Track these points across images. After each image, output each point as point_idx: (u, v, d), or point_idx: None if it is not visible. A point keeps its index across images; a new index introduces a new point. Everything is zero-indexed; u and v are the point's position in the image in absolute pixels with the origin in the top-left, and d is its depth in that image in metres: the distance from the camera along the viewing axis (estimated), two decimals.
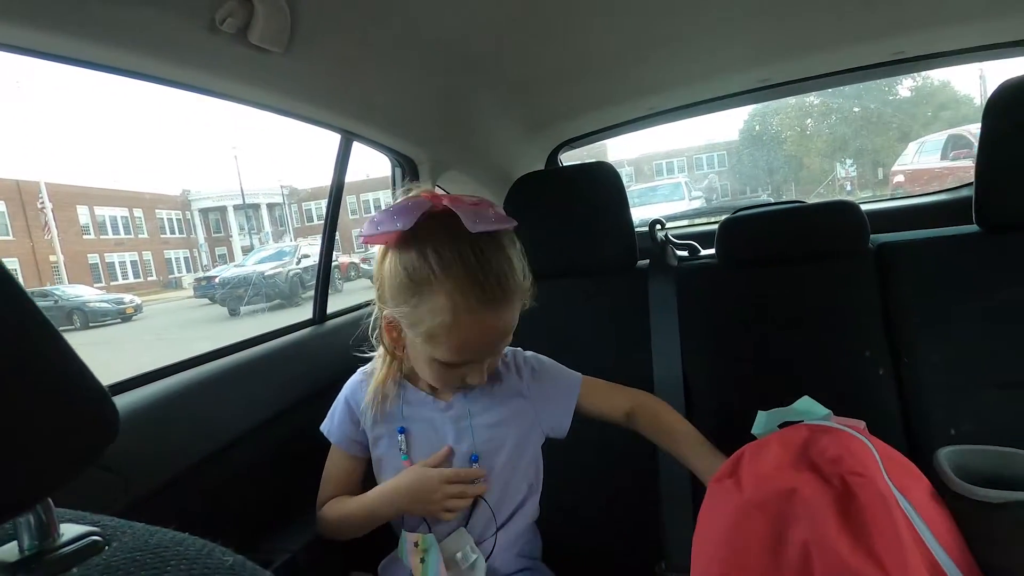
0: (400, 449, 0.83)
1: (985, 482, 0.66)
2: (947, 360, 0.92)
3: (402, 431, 0.83)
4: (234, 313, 9.08)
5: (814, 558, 0.57)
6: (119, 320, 9.88)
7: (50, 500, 0.30)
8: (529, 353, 0.90)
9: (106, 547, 0.29)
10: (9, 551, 0.29)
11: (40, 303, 0.28)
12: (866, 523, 0.58)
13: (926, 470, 0.77)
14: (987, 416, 0.88)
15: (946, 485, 0.68)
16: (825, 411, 0.74)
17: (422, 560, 0.78)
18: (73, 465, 0.28)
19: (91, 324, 9.13)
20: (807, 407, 0.75)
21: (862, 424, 0.74)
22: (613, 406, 0.88)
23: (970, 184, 0.98)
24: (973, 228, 0.97)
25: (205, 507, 0.93)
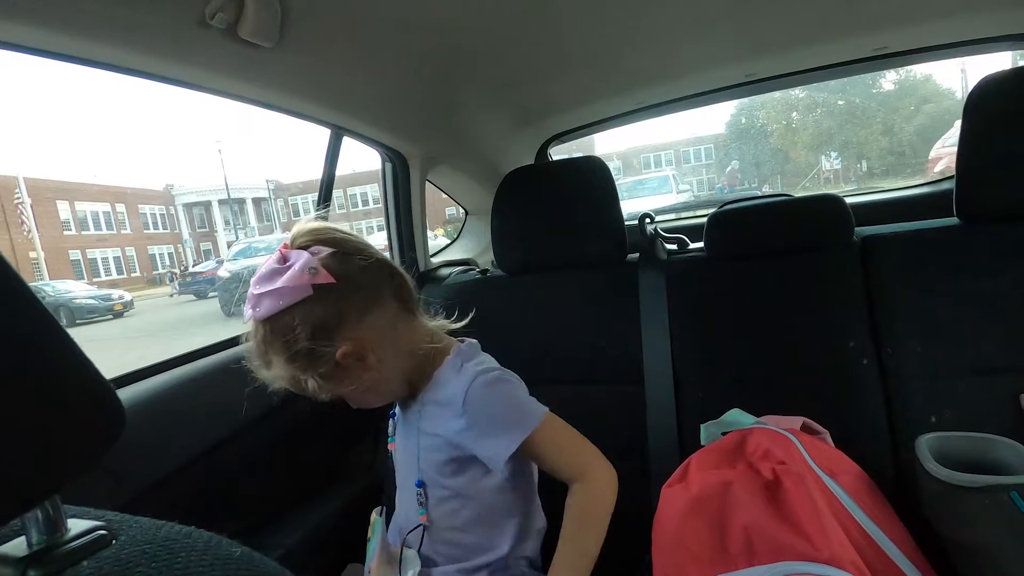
0: (388, 434, 0.90)
1: (965, 467, 0.68)
2: (928, 349, 0.94)
3: (393, 415, 0.91)
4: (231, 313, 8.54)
5: (754, 539, 0.64)
6: (110, 316, 9.55)
7: (57, 496, 0.30)
8: (490, 376, 0.77)
9: (113, 541, 0.29)
10: (17, 546, 0.29)
11: None
12: (790, 503, 0.67)
13: (909, 457, 0.80)
14: (968, 403, 0.91)
15: (926, 470, 0.71)
16: (752, 418, 0.87)
17: (368, 539, 0.85)
18: (80, 461, 0.29)
19: (78, 321, 8.86)
20: (736, 417, 0.88)
21: (798, 423, 0.85)
22: (556, 468, 0.77)
23: (951, 177, 1.00)
24: (954, 221, 0.99)
25: (197, 504, 0.93)
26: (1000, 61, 1.60)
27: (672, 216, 2.26)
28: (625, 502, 0.99)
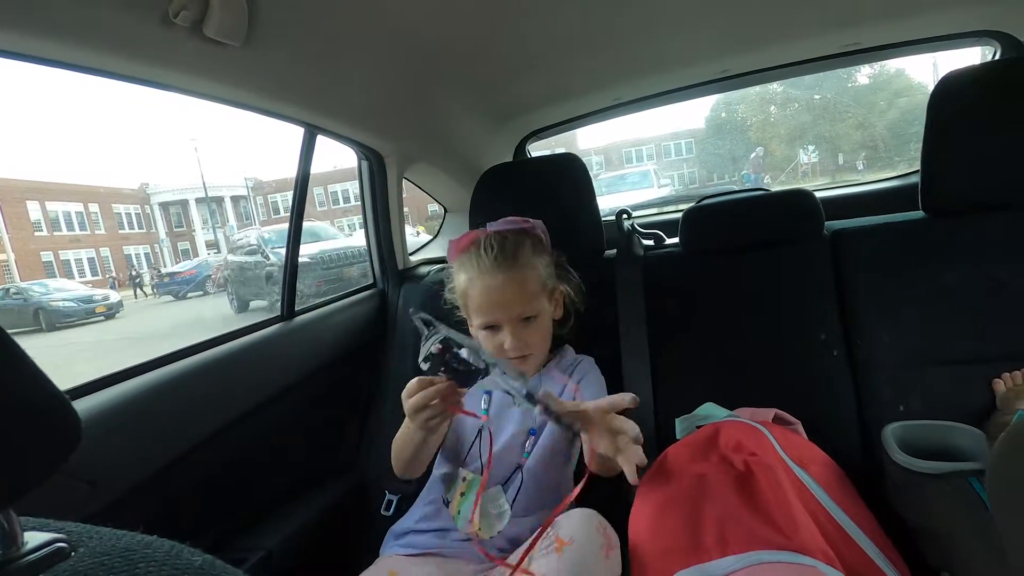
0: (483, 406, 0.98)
1: (928, 455, 0.71)
2: (896, 340, 0.96)
3: (488, 393, 0.98)
4: (243, 308, 7.50)
5: (726, 530, 0.66)
6: (101, 318, 8.64)
7: (11, 510, 0.29)
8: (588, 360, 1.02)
9: (72, 553, 0.29)
10: None
11: (7, 302, 0.27)
12: (762, 494, 0.69)
13: (877, 445, 0.82)
14: (934, 392, 0.93)
15: (891, 458, 0.73)
16: (725, 412, 0.88)
17: (463, 494, 0.91)
18: (34, 475, 0.28)
19: (57, 326, 8.12)
20: (709, 411, 0.90)
21: (771, 415, 0.87)
22: None
23: (918, 171, 1.02)
24: (919, 214, 1.02)
25: (177, 509, 0.92)
26: (971, 56, 1.64)
27: (654, 211, 2.28)
28: (603, 497, 1.00)
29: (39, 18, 0.62)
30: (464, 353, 0.72)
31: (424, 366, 0.74)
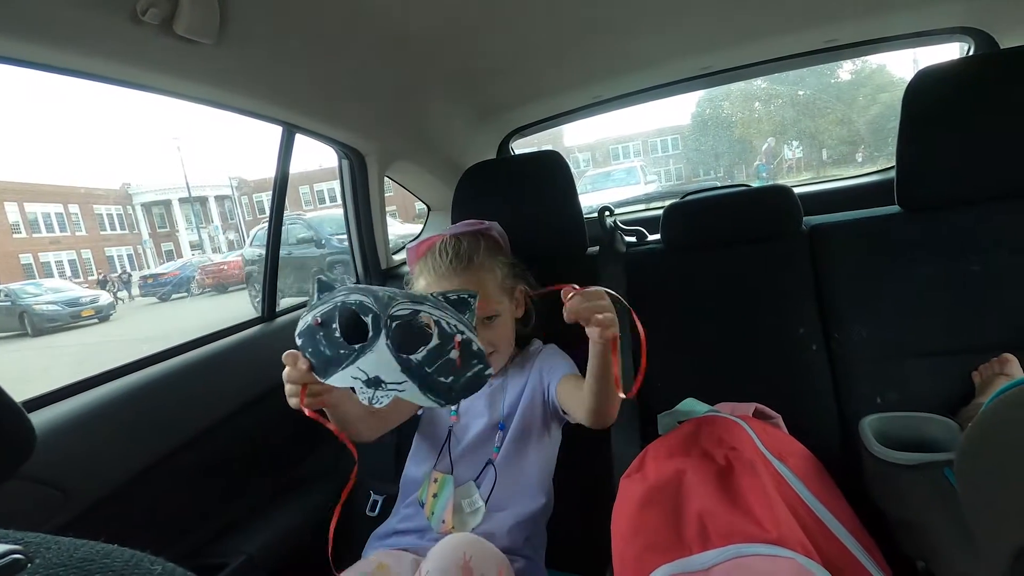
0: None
1: (904, 446, 0.72)
2: (873, 334, 0.98)
3: None
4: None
5: (707, 524, 0.66)
6: (96, 321, 8.01)
7: None
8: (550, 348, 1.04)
9: (28, 564, 0.28)
10: None
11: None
12: (741, 488, 0.69)
13: (855, 437, 0.83)
14: (909, 384, 0.95)
15: (868, 450, 0.74)
16: (705, 407, 0.89)
17: (435, 495, 0.92)
18: None
19: (46, 329, 7.64)
20: (691, 406, 0.90)
21: (751, 409, 0.88)
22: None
23: (893, 167, 1.03)
24: (895, 209, 1.03)
25: (155, 515, 0.91)
26: (949, 52, 1.66)
27: (640, 207, 2.29)
28: (587, 493, 1.00)
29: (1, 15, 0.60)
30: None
31: (298, 340, 0.67)
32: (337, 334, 0.65)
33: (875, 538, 0.72)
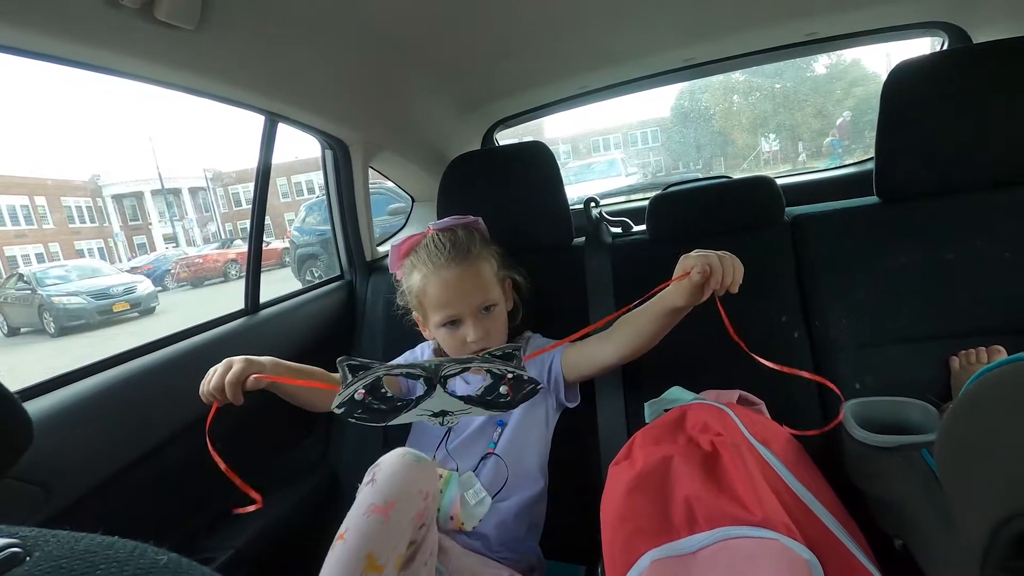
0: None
1: (883, 429, 0.74)
2: (852, 321, 1.00)
3: None
4: None
5: (695, 508, 0.68)
6: (136, 315, 6.01)
7: None
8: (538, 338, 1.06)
9: (27, 558, 0.28)
10: None
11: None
12: (727, 472, 0.71)
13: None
14: (888, 370, 0.98)
15: (848, 433, 0.76)
16: (691, 395, 0.91)
17: (440, 492, 0.91)
18: None
19: (71, 329, 5.74)
20: (677, 394, 0.92)
21: (735, 396, 0.91)
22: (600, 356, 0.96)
23: (873, 158, 1.06)
24: (874, 199, 1.06)
25: (138, 510, 0.90)
26: (921, 48, 1.70)
27: (623, 199, 2.30)
28: (577, 482, 1.02)
29: None
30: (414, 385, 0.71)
31: (338, 411, 0.70)
32: (389, 394, 0.70)
33: (855, 518, 0.74)
